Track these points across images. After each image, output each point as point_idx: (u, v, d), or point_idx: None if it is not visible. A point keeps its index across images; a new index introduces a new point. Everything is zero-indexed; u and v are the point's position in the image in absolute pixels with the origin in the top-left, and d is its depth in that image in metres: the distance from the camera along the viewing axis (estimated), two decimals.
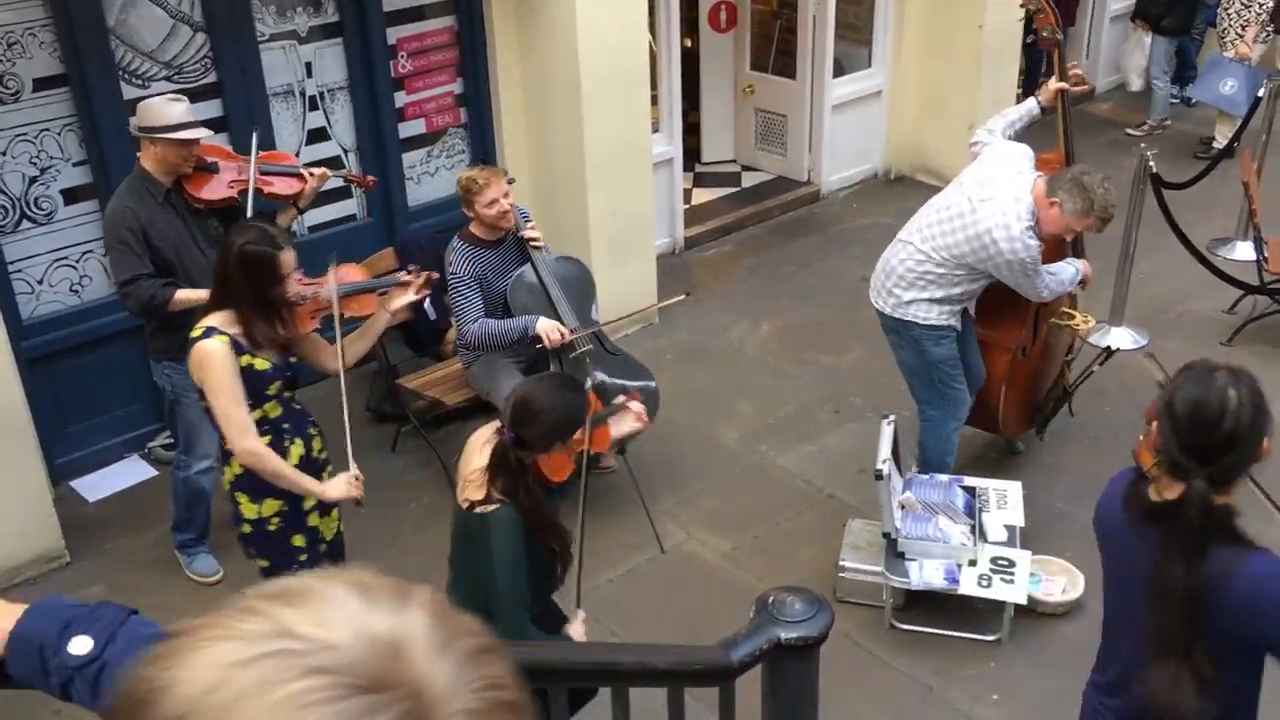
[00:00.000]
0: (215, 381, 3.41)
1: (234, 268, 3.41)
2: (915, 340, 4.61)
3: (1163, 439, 2.39)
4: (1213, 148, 8.22)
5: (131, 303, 4.21)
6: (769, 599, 2.22)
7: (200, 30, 5.27)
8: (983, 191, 4.36)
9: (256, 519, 3.64)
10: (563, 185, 6.12)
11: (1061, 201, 4.21)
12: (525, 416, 3.01)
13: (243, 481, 3.60)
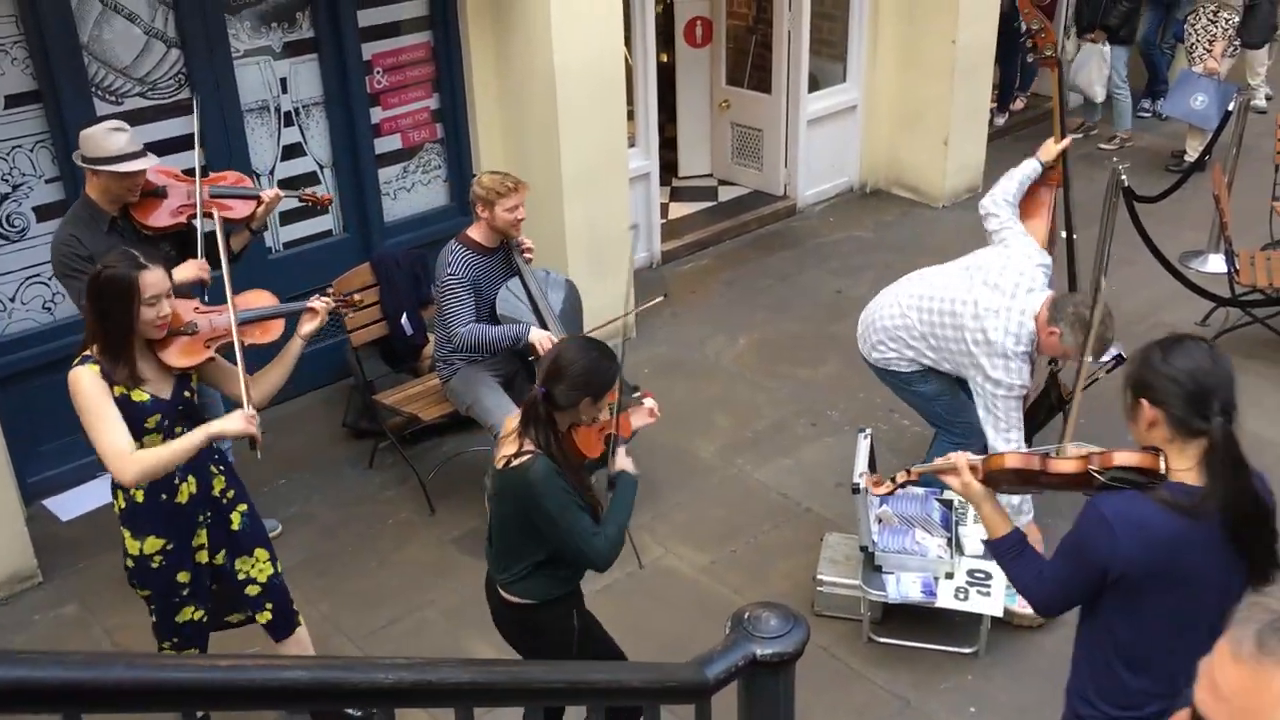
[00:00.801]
0: (83, 407, 3.32)
1: (90, 296, 3.32)
2: (905, 382, 4.65)
3: (1170, 412, 2.49)
4: (1184, 161, 8.32)
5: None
6: (744, 615, 2.22)
7: (174, 46, 5.25)
8: (991, 301, 4.29)
9: (138, 555, 3.58)
10: (540, 199, 6.11)
11: (1061, 333, 4.21)
12: (555, 373, 3.14)
13: (126, 516, 3.55)
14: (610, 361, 3.21)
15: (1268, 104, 9.49)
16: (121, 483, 3.40)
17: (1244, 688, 1.11)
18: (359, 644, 4.50)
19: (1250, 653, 1.11)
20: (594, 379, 3.16)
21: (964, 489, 2.86)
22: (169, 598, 3.66)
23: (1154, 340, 2.59)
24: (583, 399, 3.16)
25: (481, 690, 1.81)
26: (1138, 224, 6.12)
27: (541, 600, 3.31)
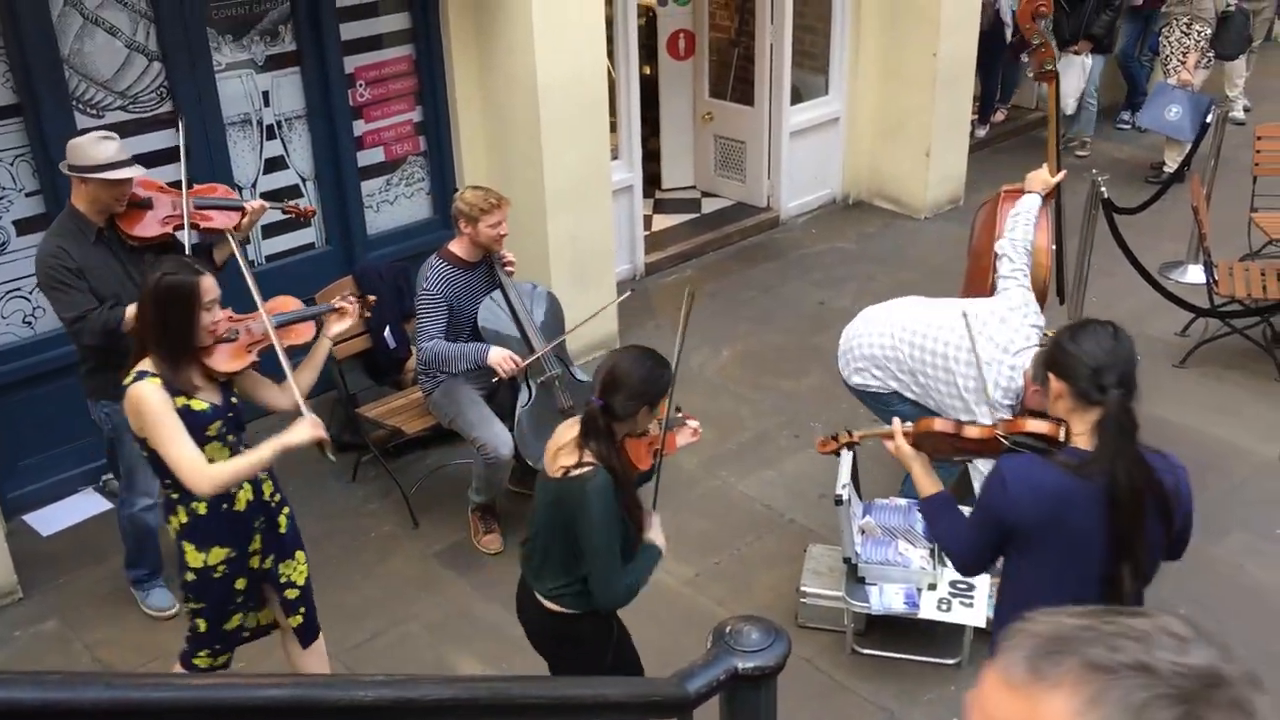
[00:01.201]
0: (153, 423, 3.30)
1: (149, 304, 3.32)
2: (883, 404, 4.57)
3: (1073, 385, 2.80)
4: (1163, 173, 8.37)
5: (87, 337, 4.13)
6: (725, 628, 2.22)
7: (156, 59, 5.25)
8: (985, 353, 4.20)
9: (201, 567, 3.56)
10: (523, 212, 6.11)
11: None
12: (612, 384, 3.19)
13: (187, 531, 3.53)
14: (664, 369, 3.27)
15: (1246, 116, 9.57)
16: (198, 494, 3.39)
17: (1020, 713, 1.08)
18: (341, 659, 4.48)
19: (1022, 678, 1.08)
20: (651, 388, 3.22)
21: (897, 451, 3.22)
22: (225, 606, 3.66)
23: (1066, 325, 2.91)
24: (640, 408, 3.22)
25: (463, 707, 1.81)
26: (1117, 235, 6.16)
27: (585, 610, 3.33)
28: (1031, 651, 1.10)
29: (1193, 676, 1.06)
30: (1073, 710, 1.05)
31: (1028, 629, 1.12)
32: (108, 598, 4.82)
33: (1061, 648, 1.09)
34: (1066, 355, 2.83)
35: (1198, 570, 4.82)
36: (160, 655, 4.51)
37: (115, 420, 4.37)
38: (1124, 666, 1.06)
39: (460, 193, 4.76)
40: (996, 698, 1.11)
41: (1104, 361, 2.78)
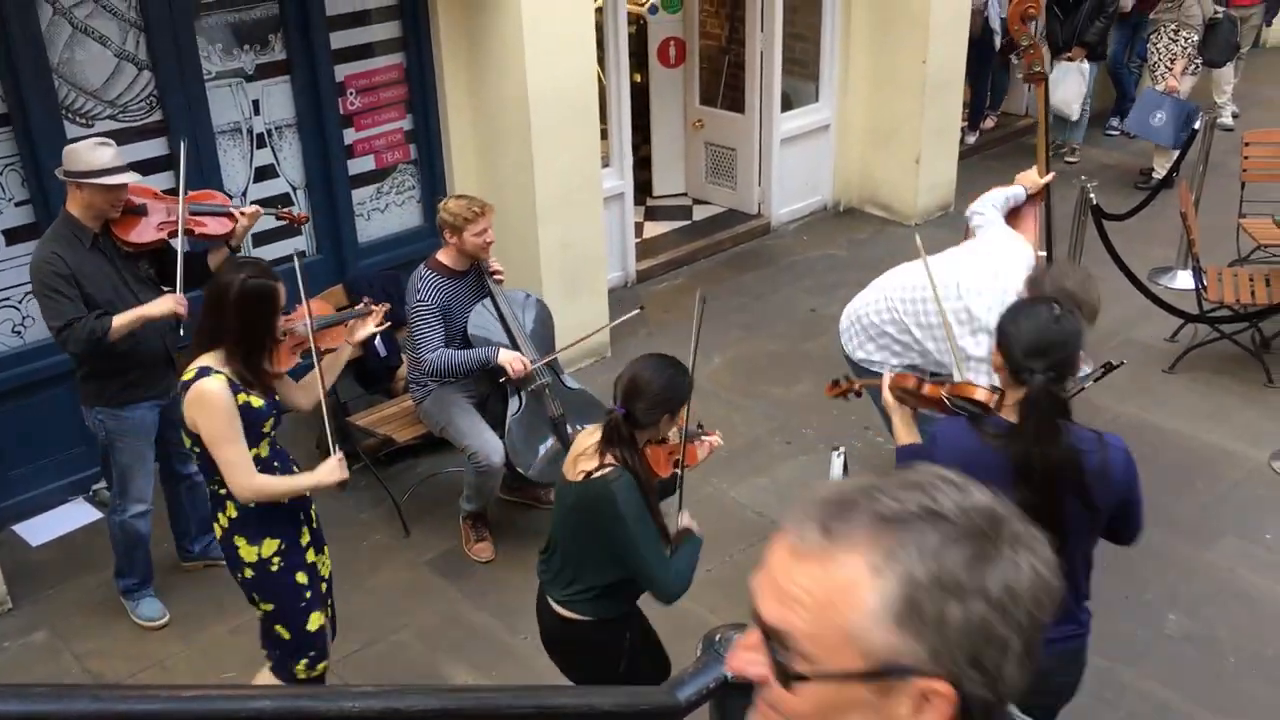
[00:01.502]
0: (215, 421, 3.34)
1: (233, 304, 3.36)
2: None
3: (1008, 360, 2.90)
4: (1152, 179, 8.40)
5: (72, 345, 4.14)
6: (715, 636, 2.22)
7: (145, 69, 5.24)
8: (973, 282, 4.20)
9: (256, 561, 3.56)
10: (513, 220, 6.13)
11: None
12: (634, 392, 3.23)
13: (238, 525, 3.53)
14: (684, 375, 3.32)
15: (1234, 122, 9.61)
16: (239, 499, 3.44)
17: (816, 581, 1.06)
18: (333, 668, 4.46)
19: (815, 543, 1.07)
20: (672, 395, 3.26)
21: (886, 402, 3.42)
22: (295, 603, 3.66)
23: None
24: (662, 416, 3.25)
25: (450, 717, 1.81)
26: (1106, 241, 6.18)
27: (598, 617, 3.34)
28: (820, 517, 1.09)
29: (977, 515, 1.08)
30: (871, 566, 1.05)
31: (811, 499, 1.12)
32: (98, 608, 4.81)
33: (849, 508, 1.08)
34: (1004, 332, 2.94)
35: (1190, 575, 4.83)
36: (151, 665, 4.50)
37: (109, 427, 4.37)
38: (913, 515, 1.07)
39: (444, 202, 4.75)
40: (789, 570, 1.09)
41: (1035, 344, 2.86)
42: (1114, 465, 2.92)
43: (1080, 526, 2.94)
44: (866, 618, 1.05)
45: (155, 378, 4.41)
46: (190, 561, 4.98)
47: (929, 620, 1.04)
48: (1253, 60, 10.76)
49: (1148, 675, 4.32)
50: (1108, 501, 2.95)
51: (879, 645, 1.05)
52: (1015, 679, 1.08)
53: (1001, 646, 1.06)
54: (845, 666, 1.06)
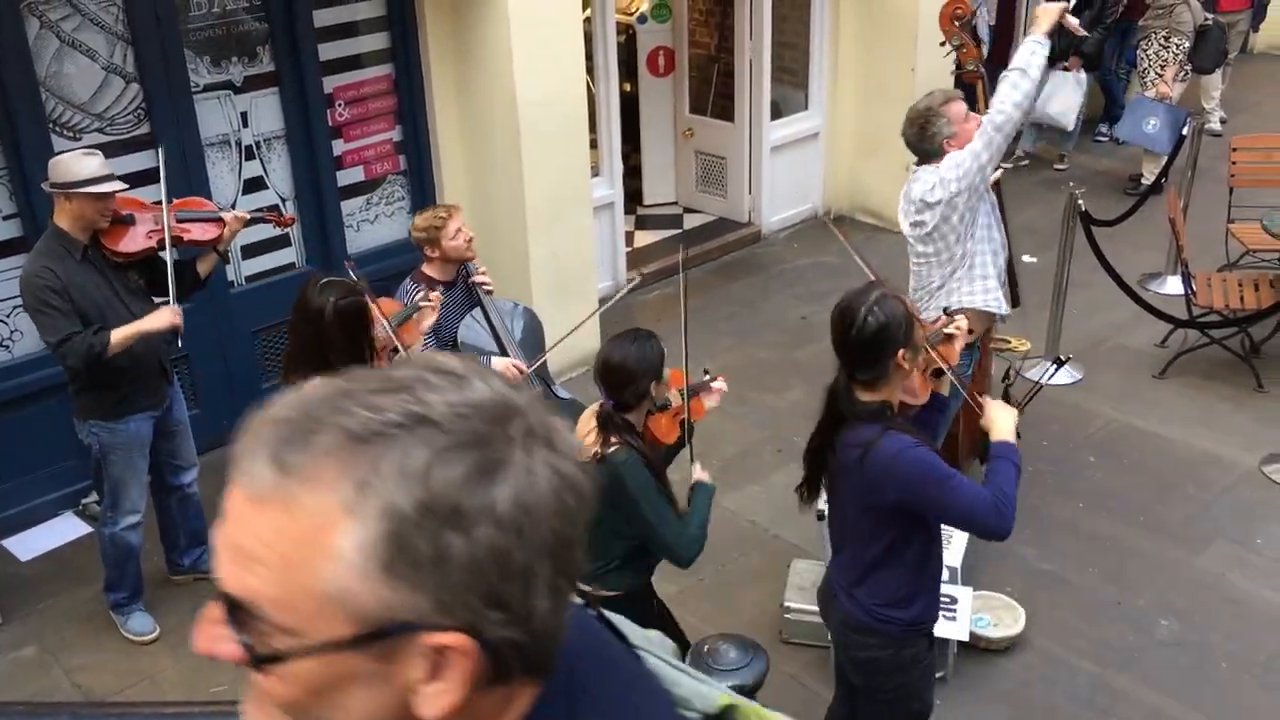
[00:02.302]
0: None
1: (332, 327, 3.37)
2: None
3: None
4: (1140, 185, 8.42)
5: (72, 359, 4.11)
6: (704, 647, 2.22)
7: (133, 81, 5.23)
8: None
9: None
10: (503, 229, 6.13)
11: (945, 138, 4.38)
12: (609, 377, 3.29)
13: None
14: (650, 340, 3.35)
15: (1222, 128, 9.64)
16: None
17: (277, 532, 0.82)
18: None
19: (270, 481, 0.83)
20: (648, 365, 3.29)
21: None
22: None
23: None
24: (648, 387, 3.30)
25: None
26: (1095, 247, 6.19)
27: (627, 591, 3.40)
28: (274, 445, 0.85)
29: (480, 414, 0.86)
30: (342, 504, 0.82)
31: (263, 418, 0.87)
32: (88, 623, 4.78)
33: (311, 429, 0.84)
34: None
35: (1180, 581, 4.84)
36: (142, 680, 4.48)
37: (104, 439, 4.35)
38: (393, 426, 0.83)
39: (412, 224, 4.74)
40: (246, 521, 0.85)
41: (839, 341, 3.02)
42: (871, 464, 2.92)
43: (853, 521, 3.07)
44: (345, 570, 0.82)
45: (150, 389, 4.40)
46: (180, 575, 4.95)
47: (425, 561, 0.82)
48: (1239, 66, 10.80)
49: (1140, 681, 4.32)
50: (873, 500, 2.97)
51: (367, 602, 0.82)
52: (550, 611, 0.87)
53: (525, 576, 0.85)
54: (330, 635, 0.83)
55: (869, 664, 3.20)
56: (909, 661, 3.17)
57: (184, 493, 4.77)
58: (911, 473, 2.90)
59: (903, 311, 2.96)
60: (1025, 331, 6.22)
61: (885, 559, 3.06)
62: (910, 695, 3.25)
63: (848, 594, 3.16)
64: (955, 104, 4.39)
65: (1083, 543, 5.06)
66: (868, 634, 3.14)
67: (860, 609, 3.13)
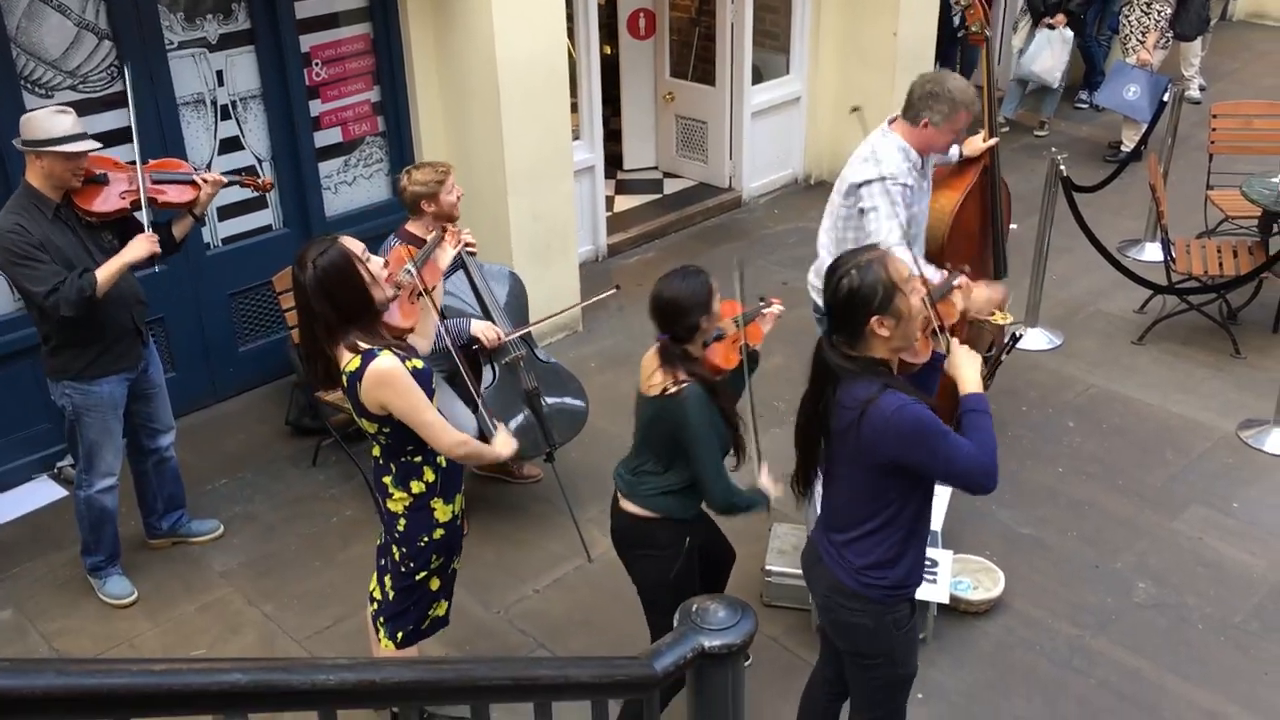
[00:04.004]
0: (406, 394, 3.28)
1: (320, 290, 3.23)
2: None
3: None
4: (1121, 151, 8.44)
5: (64, 307, 4.03)
6: (692, 607, 2.21)
7: (105, 38, 5.13)
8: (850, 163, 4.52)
9: (450, 519, 3.59)
10: (484, 192, 6.07)
11: (928, 118, 4.32)
12: (662, 314, 3.38)
13: (436, 488, 3.51)
14: (698, 275, 3.40)
15: (1201, 95, 9.66)
16: (452, 454, 3.44)
17: None
18: (304, 645, 4.44)
19: None
20: (696, 299, 3.34)
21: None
22: (456, 553, 3.74)
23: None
24: (699, 321, 3.35)
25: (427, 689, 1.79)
26: (1076, 213, 6.20)
27: (663, 514, 3.52)
28: None
29: None
30: None
31: None
32: (65, 587, 4.74)
33: None
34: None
35: (1158, 544, 4.88)
36: (120, 644, 4.45)
37: (77, 401, 4.30)
38: None
39: (407, 178, 4.62)
40: None
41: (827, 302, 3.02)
42: (869, 422, 2.90)
43: (850, 483, 3.08)
44: None
45: (124, 351, 4.34)
46: (158, 539, 4.92)
47: None
48: (1219, 33, 10.82)
49: (1117, 643, 4.36)
50: (872, 459, 2.96)
51: None
52: None
53: None
54: None
55: (853, 629, 3.21)
56: (892, 626, 3.18)
57: (161, 456, 4.72)
58: (908, 429, 2.88)
59: (882, 278, 2.90)
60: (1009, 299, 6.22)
61: (881, 520, 3.06)
62: (894, 660, 3.26)
63: (836, 557, 3.16)
64: (966, 115, 4.35)
65: (1061, 507, 5.09)
66: (852, 599, 3.14)
67: (846, 572, 3.13)
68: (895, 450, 2.91)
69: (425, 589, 3.68)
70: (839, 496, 3.16)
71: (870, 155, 4.39)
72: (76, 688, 1.46)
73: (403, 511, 3.53)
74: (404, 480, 3.49)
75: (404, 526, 3.54)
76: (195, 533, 4.97)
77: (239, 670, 1.55)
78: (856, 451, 2.99)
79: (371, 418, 3.35)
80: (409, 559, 3.59)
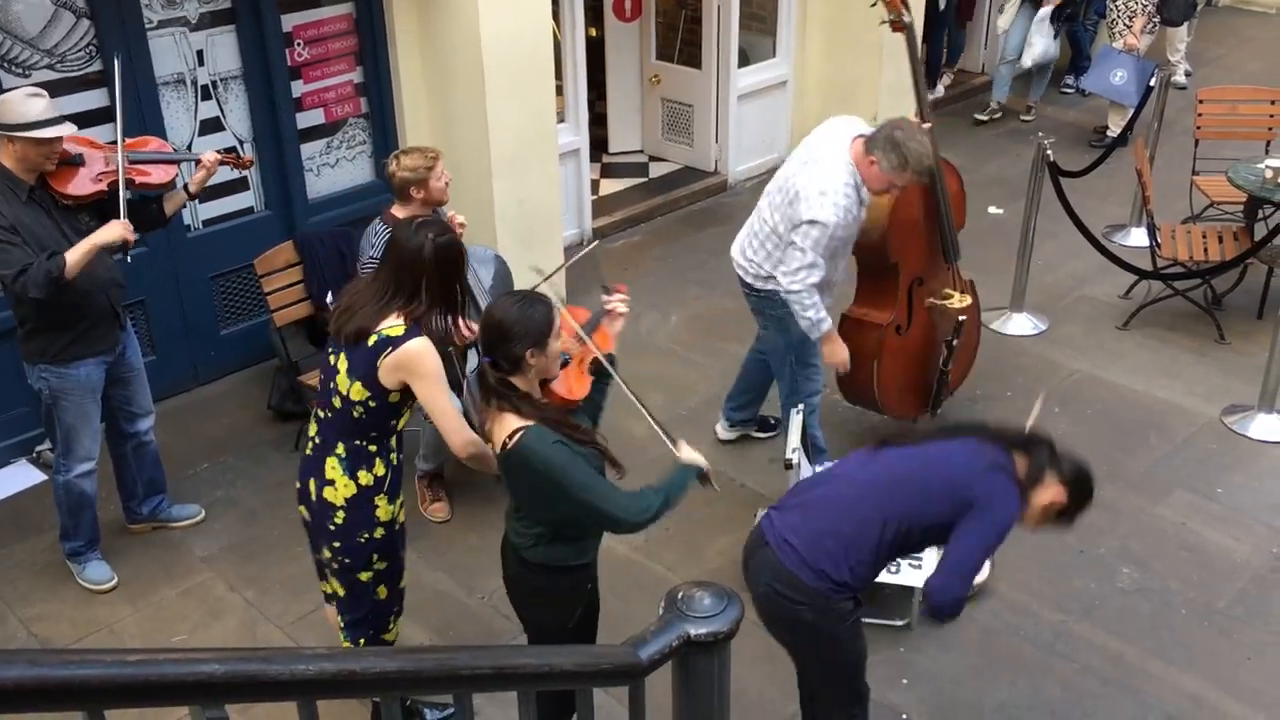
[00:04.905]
0: (434, 379, 3.29)
1: (430, 265, 3.27)
2: (779, 320, 4.72)
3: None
4: (1107, 136, 8.43)
5: (33, 290, 3.97)
6: (678, 594, 2.19)
7: (84, 17, 5.06)
8: (809, 154, 4.62)
9: (390, 519, 3.53)
10: (468, 175, 6.02)
11: (879, 160, 4.36)
12: (487, 334, 3.08)
13: (382, 484, 3.47)
14: (537, 305, 3.10)
15: (1187, 80, 9.66)
16: (458, 450, 3.41)
17: None
18: (287, 631, 4.41)
19: None
20: (521, 326, 3.03)
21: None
22: (401, 559, 3.69)
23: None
24: (526, 351, 3.04)
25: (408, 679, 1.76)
26: (1062, 198, 6.19)
27: (561, 564, 3.27)
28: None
29: None
30: None
31: None
32: (44, 572, 4.70)
33: None
34: None
35: (1142, 529, 4.89)
36: (100, 630, 4.41)
37: (54, 385, 4.25)
38: None
39: (395, 163, 4.55)
40: None
41: None
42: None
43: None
44: None
45: (101, 333, 4.29)
46: (138, 523, 4.88)
47: None
48: (1205, 19, 10.81)
49: (1101, 628, 4.37)
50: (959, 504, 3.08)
51: None
52: None
53: None
54: None
55: (797, 625, 3.19)
56: (837, 618, 3.17)
57: (140, 440, 4.68)
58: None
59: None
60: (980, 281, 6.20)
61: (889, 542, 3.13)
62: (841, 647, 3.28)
63: (797, 551, 3.13)
64: (909, 177, 4.37)
65: None
66: (800, 591, 3.13)
67: (800, 564, 3.11)
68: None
69: (372, 595, 3.59)
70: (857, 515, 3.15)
71: (827, 191, 4.40)
72: (49, 679, 1.42)
73: (342, 504, 3.43)
74: (352, 467, 3.41)
75: (342, 520, 3.43)
76: (176, 518, 4.93)
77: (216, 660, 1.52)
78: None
79: (370, 385, 3.30)
80: (344, 554, 3.49)
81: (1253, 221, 6.59)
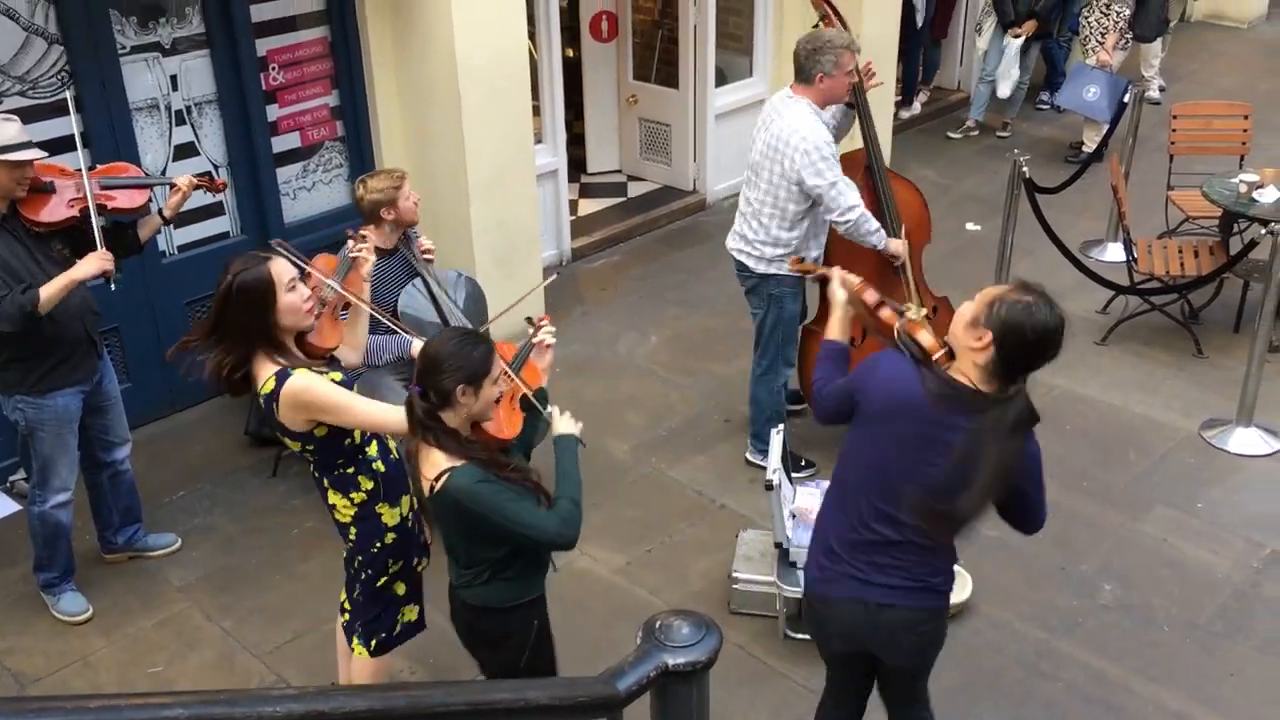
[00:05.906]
0: (329, 402, 3.22)
1: (230, 304, 3.20)
2: (777, 298, 5.01)
3: (1001, 352, 2.94)
4: (1082, 152, 8.48)
5: (5, 323, 3.93)
6: (655, 624, 2.16)
7: (55, 43, 5.03)
8: (766, 125, 4.91)
9: (400, 521, 3.53)
10: (445, 198, 6.01)
11: (822, 72, 4.68)
12: (423, 368, 3.03)
13: (383, 492, 3.46)
14: (478, 345, 3.05)
15: (1161, 96, 9.73)
16: (400, 433, 3.24)
17: None
18: (265, 661, 4.36)
19: None
20: (461, 363, 2.97)
21: (832, 293, 3.47)
22: (414, 556, 3.66)
23: (1035, 292, 2.99)
24: (456, 387, 2.97)
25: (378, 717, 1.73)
26: (1039, 214, 6.21)
27: (501, 605, 3.23)
28: None
29: None
30: None
31: None
32: (17, 603, 4.64)
33: None
34: (1021, 328, 2.94)
35: (1122, 545, 4.89)
36: (74, 662, 4.35)
37: (30, 415, 4.21)
38: None
39: (362, 187, 4.55)
40: None
41: (1039, 346, 2.98)
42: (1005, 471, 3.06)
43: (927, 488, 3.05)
44: None
45: (78, 363, 4.25)
46: (114, 553, 4.82)
47: None
48: (1178, 35, 10.90)
49: (1084, 646, 4.36)
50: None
51: None
52: None
53: None
54: None
55: (939, 636, 3.36)
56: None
57: (116, 469, 4.63)
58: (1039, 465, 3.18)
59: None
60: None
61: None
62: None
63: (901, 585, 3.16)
64: (850, 55, 4.72)
65: None
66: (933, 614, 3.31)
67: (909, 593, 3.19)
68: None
69: (391, 594, 3.63)
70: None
71: (798, 126, 4.71)
72: None
73: (350, 521, 3.49)
74: (344, 491, 3.45)
75: (355, 535, 3.51)
76: (152, 547, 4.88)
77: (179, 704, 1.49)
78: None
79: (294, 436, 3.31)
80: (366, 566, 3.56)
81: (1228, 236, 6.63)
